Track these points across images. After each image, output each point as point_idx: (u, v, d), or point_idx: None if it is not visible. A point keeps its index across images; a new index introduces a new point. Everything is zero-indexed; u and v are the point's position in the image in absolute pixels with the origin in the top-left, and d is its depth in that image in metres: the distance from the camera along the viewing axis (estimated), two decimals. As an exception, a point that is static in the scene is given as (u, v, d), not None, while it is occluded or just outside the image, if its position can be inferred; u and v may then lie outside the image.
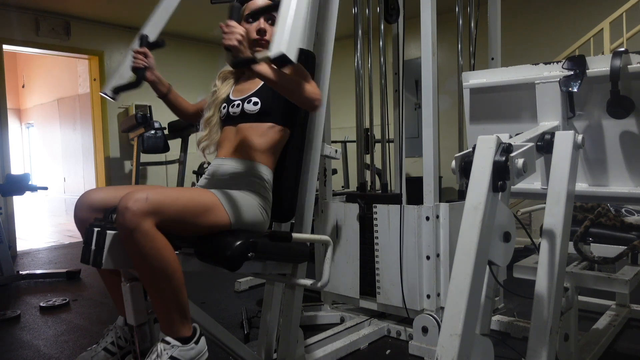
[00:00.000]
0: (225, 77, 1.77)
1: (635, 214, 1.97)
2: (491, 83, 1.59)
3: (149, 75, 1.66)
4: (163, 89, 1.74)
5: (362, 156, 2.78)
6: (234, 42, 1.29)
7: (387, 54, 2.75)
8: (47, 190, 3.76)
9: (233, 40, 1.29)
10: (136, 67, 1.63)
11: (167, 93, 1.76)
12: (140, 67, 1.63)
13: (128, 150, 5.86)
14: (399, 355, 2.17)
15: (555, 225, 1.26)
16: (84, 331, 2.58)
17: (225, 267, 1.35)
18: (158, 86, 1.72)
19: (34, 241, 5.67)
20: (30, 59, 8.18)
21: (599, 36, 3.87)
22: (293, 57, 1.19)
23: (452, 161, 1.24)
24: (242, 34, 1.31)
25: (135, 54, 1.64)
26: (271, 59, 1.19)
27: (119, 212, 1.20)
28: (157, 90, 1.73)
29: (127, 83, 1.68)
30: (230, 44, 1.29)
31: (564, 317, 1.52)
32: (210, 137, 1.69)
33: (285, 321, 1.78)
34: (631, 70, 1.34)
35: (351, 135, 3.88)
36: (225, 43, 1.30)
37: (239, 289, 3.23)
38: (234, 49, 1.30)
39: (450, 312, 1.04)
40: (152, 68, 1.67)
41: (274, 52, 1.18)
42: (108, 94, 1.67)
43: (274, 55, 1.18)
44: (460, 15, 2.79)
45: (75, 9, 5.23)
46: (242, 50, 1.31)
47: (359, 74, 2.71)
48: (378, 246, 2.35)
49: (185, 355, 1.29)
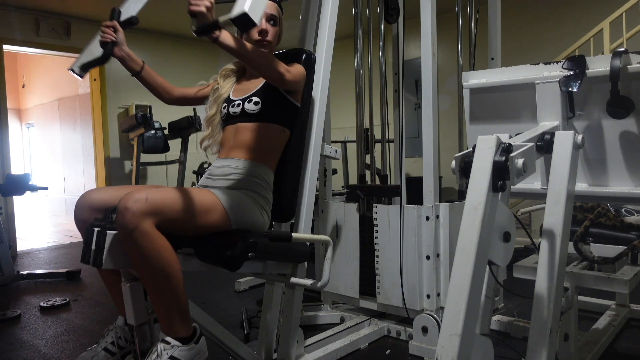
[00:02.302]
0: (227, 74, 1.76)
1: (635, 214, 1.96)
2: (491, 83, 1.59)
3: (117, 51, 1.57)
4: (135, 66, 1.64)
5: (362, 156, 2.78)
6: (202, 7, 1.23)
7: (387, 54, 2.75)
8: (47, 190, 3.76)
9: (201, 7, 1.23)
10: (104, 41, 1.54)
11: (140, 70, 1.66)
12: (107, 42, 1.54)
13: (128, 150, 5.86)
14: (399, 355, 2.17)
15: (555, 225, 1.26)
16: (84, 331, 2.58)
17: (225, 267, 1.35)
18: (129, 63, 1.62)
19: (34, 241, 5.67)
20: (30, 59, 8.18)
21: (599, 36, 3.87)
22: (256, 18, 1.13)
23: (452, 161, 1.24)
24: (210, 1, 1.25)
25: (103, 28, 1.56)
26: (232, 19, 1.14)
27: (119, 212, 1.20)
28: (128, 67, 1.63)
29: (95, 59, 1.59)
30: (197, 9, 1.23)
31: (564, 317, 1.52)
32: (213, 136, 1.69)
33: (285, 321, 1.78)
34: (631, 70, 1.34)
35: (351, 135, 3.88)
36: (191, 9, 1.23)
37: (239, 289, 3.23)
38: (200, 15, 1.24)
39: (450, 312, 1.04)
40: (122, 43, 1.58)
41: (235, 12, 1.13)
42: (75, 71, 1.59)
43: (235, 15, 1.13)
44: (460, 15, 2.79)
45: (75, 9, 5.23)
46: (207, 17, 1.24)
47: (359, 74, 2.71)
48: (378, 246, 2.35)
49: (185, 355, 1.29)
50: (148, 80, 1.71)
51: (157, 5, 5.02)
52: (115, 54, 1.58)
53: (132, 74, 1.66)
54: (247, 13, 1.11)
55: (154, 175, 6.04)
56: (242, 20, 1.12)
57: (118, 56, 1.59)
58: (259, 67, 1.47)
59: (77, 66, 1.59)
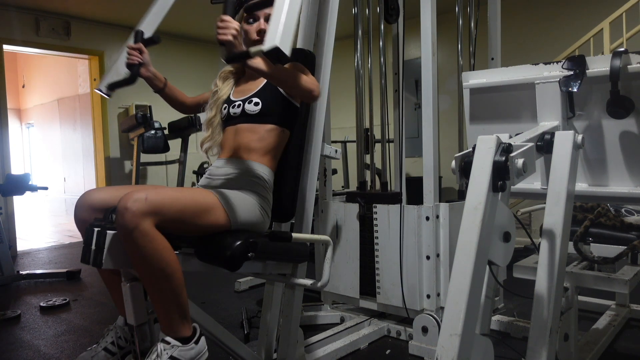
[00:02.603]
0: (226, 77, 1.77)
1: (635, 214, 1.96)
2: (491, 83, 1.59)
3: (143, 71, 1.65)
4: (159, 84, 1.73)
5: (362, 156, 2.78)
6: (229, 37, 1.27)
7: (387, 54, 2.75)
8: (47, 190, 3.76)
9: (228, 35, 1.27)
10: (131, 63, 1.62)
11: (164, 87, 1.75)
12: (134, 64, 1.62)
13: (128, 150, 5.86)
14: (399, 355, 2.17)
15: (555, 225, 1.26)
16: (84, 331, 2.58)
17: (225, 267, 1.35)
18: (154, 81, 1.71)
19: (34, 241, 5.67)
20: (30, 59, 8.18)
21: (599, 36, 3.87)
22: (287, 51, 1.18)
23: (452, 161, 1.24)
24: (236, 29, 1.29)
25: (129, 50, 1.62)
26: (264, 52, 1.17)
27: (119, 212, 1.20)
28: (153, 85, 1.72)
29: (122, 79, 1.66)
30: (225, 38, 1.27)
31: (564, 317, 1.52)
32: (213, 138, 1.70)
33: (285, 321, 1.78)
34: (631, 70, 1.34)
35: (351, 135, 3.88)
36: (220, 38, 1.27)
37: (239, 289, 3.23)
38: (228, 44, 1.28)
39: (450, 312, 1.04)
40: (147, 64, 1.66)
41: (267, 45, 1.17)
42: (103, 91, 1.66)
43: (267, 48, 1.16)
44: (460, 15, 2.79)
45: (75, 9, 5.23)
46: (236, 45, 1.29)
47: (359, 74, 2.71)
48: (378, 246, 2.35)
49: (185, 355, 1.29)
50: (169, 95, 1.79)
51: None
52: (142, 74, 1.65)
53: (155, 90, 1.75)
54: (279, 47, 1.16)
55: (154, 175, 6.04)
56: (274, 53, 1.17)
57: (144, 76, 1.66)
58: (290, 88, 1.52)
59: (104, 86, 1.67)
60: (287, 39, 1.18)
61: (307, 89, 1.49)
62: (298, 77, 1.47)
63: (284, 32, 1.18)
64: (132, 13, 5.40)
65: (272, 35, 1.18)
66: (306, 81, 1.49)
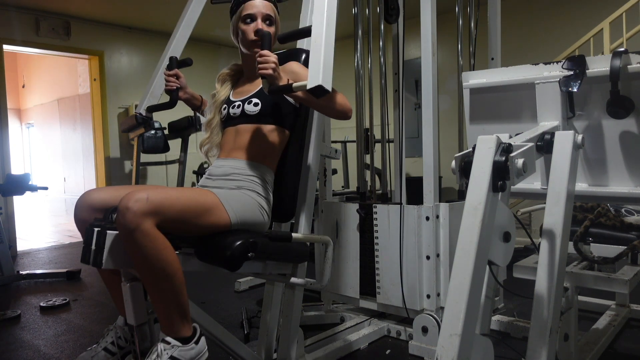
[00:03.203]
0: (224, 79, 1.78)
1: (635, 214, 1.97)
2: (491, 83, 1.59)
3: (182, 95, 1.76)
4: (197, 103, 1.84)
5: (362, 156, 2.78)
6: (269, 70, 1.36)
7: (387, 54, 2.75)
8: (47, 190, 3.76)
9: (268, 69, 1.36)
10: (169, 89, 1.73)
11: (201, 105, 1.85)
12: (173, 89, 1.72)
13: (128, 150, 5.86)
14: (399, 355, 2.17)
15: (555, 225, 1.26)
16: (84, 331, 2.58)
17: (225, 267, 1.35)
18: (192, 102, 1.82)
19: (34, 241, 5.67)
20: (30, 59, 8.18)
21: (599, 36, 3.87)
22: (329, 87, 1.26)
23: (452, 161, 1.24)
24: (275, 62, 1.38)
25: (167, 77, 1.73)
26: (308, 89, 1.27)
27: (120, 212, 1.20)
28: (192, 105, 1.84)
29: (162, 103, 1.79)
30: (266, 72, 1.37)
31: (564, 317, 1.52)
32: (212, 139, 1.71)
33: (285, 321, 1.78)
34: (631, 70, 1.34)
35: (351, 135, 3.88)
36: (261, 73, 1.37)
37: (239, 289, 3.23)
38: (270, 77, 1.37)
39: (450, 312, 1.04)
40: (185, 87, 1.77)
41: (311, 84, 1.26)
42: (142, 114, 1.83)
43: (311, 86, 1.26)
44: (460, 15, 2.79)
45: (75, 9, 5.23)
46: (277, 78, 1.38)
47: (359, 74, 2.71)
48: (378, 246, 2.35)
49: (186, 355, 1.29)
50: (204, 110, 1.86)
51: (157, 5, 5.03)
52: (181, 98, 1.77)
53: (193, 109, 1.87)
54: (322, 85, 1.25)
55: (154, 175, 6.04)
56: (317, 90, 1.27)
57: (183, 99, 1.79)
58: (327, 111, 1.57)
59: (143, 109, 1.85)
60: (328, 76, 1.27)
61: (343, 111, 1.55)
62: (335, 101, 1.52)
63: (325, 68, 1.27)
64: (132, 13, 5.41)
65: (315, 73, 1.26)
66: (341, 103, 1.54)
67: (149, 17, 5.49)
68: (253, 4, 1.64)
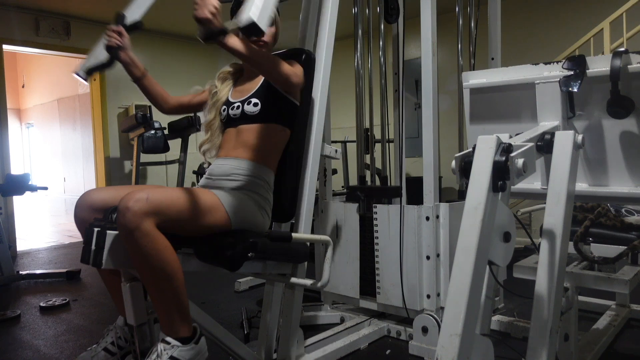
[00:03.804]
0: (224, 77, 1.77)
1: (635, 214, 1.96)
2: (491, 83, 1.59)
3: (122, 55, 1.60)
4: (137, 72, 1.66)
5: (362, 156, 2.77)
6: (207, 13, 1.23)
7: (387, 54, 2.75)
8: (47, 190, 3.76)
9: (205, 12, 1.23)
10: (110, 45, 1.56)
11: (141, 77, 1.68)
12: (113, 46, 1.56)
13: (128, 150, 5.85)
14: (399, 355, 2.17)
15: (555, 225, 1.26)
16: (84, 331, 2.58)
17: (225, 267, 1.35)
18: (131, 68, 1.65)
19: (34, 241, 5.67)
20: (30, 59, 8.18)
21: (599, 36, 3.87)
22: (264, 26, 1.14)
23: (452, 161, 1.23)
24: (215, 6, 1.25)
25: (109, 32, 1.58)
26: (240, 27, 1.15)
27: (120, 212, 1.20)
28: (131, 73, 1.66)
29: (100, 64, 1.60)
30: (202, 15, 1.23)
31: (564, 317, 1.52)
32: (212, 140, 1.70)
33: (285, 321, 1.78)
34: (631, 70, 1.34)
35: (351, 135, 3.87)
36: (196, 15, 1.23)
37: (239, 289, 3.23)
38: (206, 21, 1.24)
39: (450, 312, 1.04)
40: (127, 48, 1.61)
41: (244, 20, 1.14)
42: (81, 75, 1.60)
43: (244, 23, 1.14)
44: (460, 15, 2.79)
45: (75, 9, 5.23)
46: (213, 22, 1.24)
47: (359, 74, 2.71)
48: (378, 246, 2.35)
49: (185, 355, 1.29)
50: (148, 87, 1.72)
51: (156, 5, 5.03)
52: (121, 58, 1.59)
53: (133, 79, 1.68)
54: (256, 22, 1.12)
55: (153, 175, 6.04)
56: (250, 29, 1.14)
57: (123, 61, 1.61)
58: (266, 71, 1.48)
59: (83, 70, 1.60)
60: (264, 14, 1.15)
61: (285, 74, 1.46)
62: (277, 63, 1.45)
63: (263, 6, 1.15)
64: (132, 13, 5.40)
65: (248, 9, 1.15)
66: (285, 67, 1.46)
67: (148, 17, 5.47)
68: None
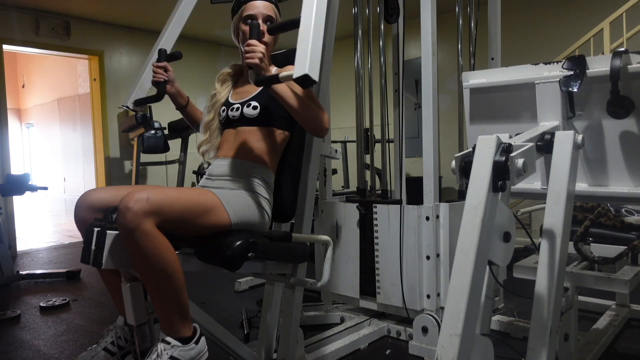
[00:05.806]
0: (224, 79, 1.77)
1: (635, 214, 1.96)
2: (491, 83, 1.59)
3: (169, 88, 1.71)
4: (182, 102, 1.77)
5: (362, 156, 2.77)
6: (256, 60, 1.34)
7: (387, 54, 2.75)
8: (47, 190, 3.76)
9: (255, 59, 1.34)
10: (157, 81, 1.68)
11: (186, 105, 1.79)
12: (160, 81, 1.68)
13: (128, 150, 5.86)
14: (399, 355, 2.17)
15: (555, 225, 1.26)
16: (84, 331, 2.58)
17: (225, 267, 1.35)
18: (177, 99, 1.76)
19: (34, 241, 5.67)
20: (30, 59, 8.18)
21: (599, 36, 3.87)
22: (315, 77, 1.23)
23: (452, 161, 1.23)
24: (263, 52, 1.35)
25: (155, 69, 1.68)
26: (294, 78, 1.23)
27: (120, 212, 1.20)
28: (176, 102, 1.77)
29: (149, 96, 1.74)
30: (252, 62, 1.34)
31: (564, 317, 1.52)
32: (211, 141, 1.70)
33: (285, 321, 1.78)
34: (631, 70, 1.34)
35: (351, 135, 3.88)
36: (248, 62, 1.35)
37: (239, 289, 3.23)
38: (256, 67, 1.35)
39: (450, 312, 1.04)
40: (172, 81, 1.71)
41: (297, 73, 1.22)
42: (130, 107, 1.75)
43: (297, 75, 1.22)
44: (460, 15, 2.79)
45: (75, 9, 5.23)
46: (264, 69, 1.36)
47: (359, 74, 2.71)
48: (378, 246, 2.35)
49: (186, 355, 1.29)
50: (190, 114, 1.82)
51: (156, 5, 5.03)
52: (169, 91, 1.71)
53: (178, 107, 1.79)
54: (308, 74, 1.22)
55: (154, 175, 6.04)
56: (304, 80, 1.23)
57: (170, 93, 1.72)
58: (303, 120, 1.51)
59: (131, 102, 1.76)
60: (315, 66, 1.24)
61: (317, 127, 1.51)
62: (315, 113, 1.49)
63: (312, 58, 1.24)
64: (132, 13, 5.40)
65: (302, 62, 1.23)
66: (320, 119, 1.50)
67: (149, 17, 5.49)
68: (254, 5, 1.64)
